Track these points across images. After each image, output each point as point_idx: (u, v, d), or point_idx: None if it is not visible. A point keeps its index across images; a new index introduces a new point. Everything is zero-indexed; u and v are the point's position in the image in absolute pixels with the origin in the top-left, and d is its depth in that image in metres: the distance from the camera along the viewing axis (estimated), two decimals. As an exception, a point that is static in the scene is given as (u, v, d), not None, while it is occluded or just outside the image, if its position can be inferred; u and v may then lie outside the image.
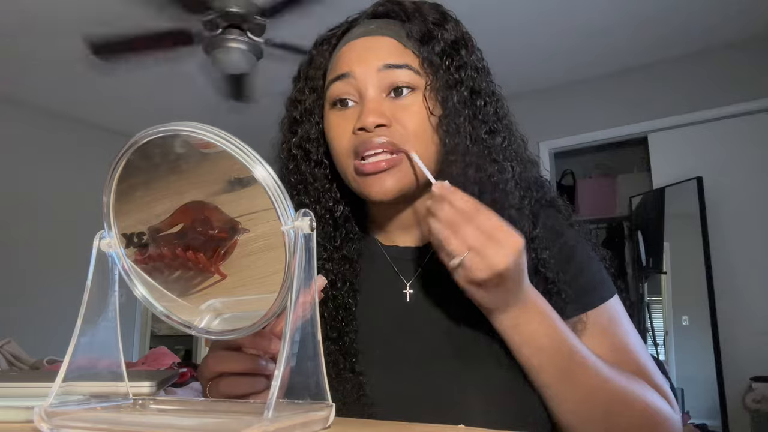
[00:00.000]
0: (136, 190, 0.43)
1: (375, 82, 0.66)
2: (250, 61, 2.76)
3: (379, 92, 0.66)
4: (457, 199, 0.54)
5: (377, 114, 0.64)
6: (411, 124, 0.65)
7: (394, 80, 0.65)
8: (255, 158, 0.37)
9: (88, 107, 4.03)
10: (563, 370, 0.58)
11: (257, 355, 0.52)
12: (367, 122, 0.63)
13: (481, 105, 0.68)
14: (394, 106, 0.65)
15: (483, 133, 0.67)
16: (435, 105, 0.66)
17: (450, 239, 0.53)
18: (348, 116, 0.66)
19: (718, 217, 3.10)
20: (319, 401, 0.39)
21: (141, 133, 0.40)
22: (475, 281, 0.54)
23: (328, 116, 0.69)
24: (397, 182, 0.64)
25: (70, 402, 0.41)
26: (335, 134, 0.67)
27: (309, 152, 0.71)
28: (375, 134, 0.63)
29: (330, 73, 0.70)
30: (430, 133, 0.66)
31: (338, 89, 0.67)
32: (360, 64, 0.66)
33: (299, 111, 0.73)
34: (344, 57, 0.68)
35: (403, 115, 0.65)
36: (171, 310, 0.44)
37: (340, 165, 0.68)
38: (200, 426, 0.39)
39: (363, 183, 0.65)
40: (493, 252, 0.52)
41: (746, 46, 3.16)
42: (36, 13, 2.86)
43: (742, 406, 2.84)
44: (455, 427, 0.39)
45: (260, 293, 0.40)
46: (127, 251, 0.44)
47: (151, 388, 0.48)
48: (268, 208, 0.37)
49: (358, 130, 0.64)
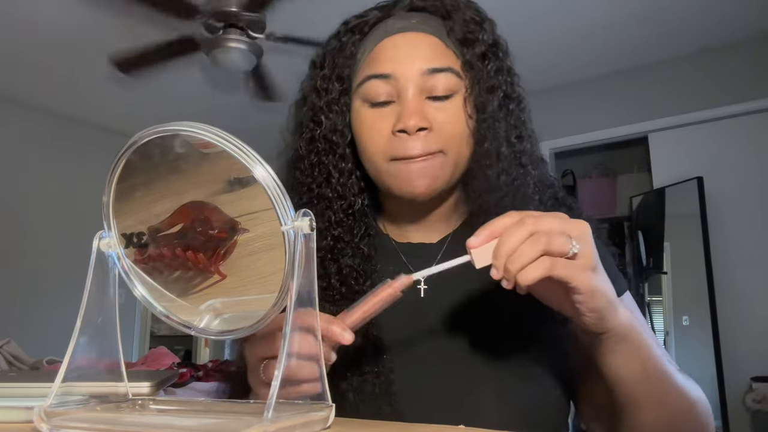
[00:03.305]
0: (136, 190, 0.43)
1: (417, 84, 0.64)
2: (250, 60, 2.77)
3: (420, 94, 0.64)
4: (525, 213, 0.50)
5: (419, 117, 0.62)
6: (451, 128, 0.64)
7: (436, 83, 0.64)
8: (255, 158, 0.37)
9: (89, 107, 4.03)
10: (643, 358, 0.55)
11: None
12: (409, 125, 0.62)
13: (512, 109, 0.67)
14: (435, 108, 0.64)
15: (513, 138, 0.67)
16: (473, 109, 0.65)
17: (552, 236, 0.48)
18: (384, 115, 0.65)
19: (718, 217, 3.10)
20: (319, 401, 0.39)
21: (141, 133, 0.40)
22: (591, 265, 0.49)
23: (361, 112, 0.67)
24: (436, 179, 0.64)
25: (70, 402, 0.41)
26: (370, 133, 0.66)
27: (335, 145, 0.69)
28: (415, 138, 0.62)
29: (366, 68, 0.67)
30: (467, 136, 0.65)
31: (376, 88, 0.65)
32: (403, 66, 0.64)
33: (324, 100, 0.69)
34: (385, 54, 0.66)
35: (444, 118, 0.64)
36: (171, 310, 0.44)
37: (372, 163, 0.66)
38: (200, 426, 0.39)
39: (403, 179, 0.64)
40: (584, 233, 0.49)
41: (746, 46, 3.16)
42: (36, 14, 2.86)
43: (742, 406, 2.84)
44: (455, 427, 0.39)
45: (260, 293, 0.40)
46: (127, 251, 0.44)
47: (150, 389, 0.48)
48: (268, 208, 0.37)
49: (398, 132, 0.63)
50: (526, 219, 0.48)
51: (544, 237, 0.47)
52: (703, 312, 3.00)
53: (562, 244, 0.47)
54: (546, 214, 0.49)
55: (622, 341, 0.53)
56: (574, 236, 0.48)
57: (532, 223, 0.48)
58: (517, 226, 0.48)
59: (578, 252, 0.48)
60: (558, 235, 0.47)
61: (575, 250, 0.47)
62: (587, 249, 0.49)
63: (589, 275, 0.48)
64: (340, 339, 0.48)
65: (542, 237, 0.47)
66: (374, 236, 0.71)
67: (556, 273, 0.47)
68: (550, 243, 0.47)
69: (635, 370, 0.54)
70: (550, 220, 0.48)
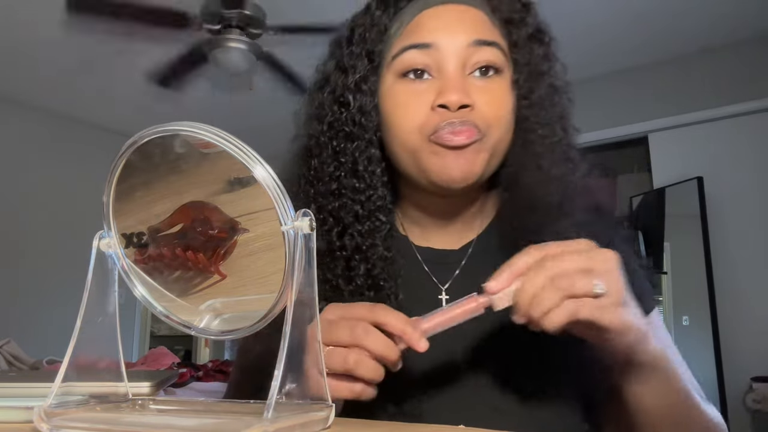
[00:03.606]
0: (136, 190, 0.43)
1: (461, 57, 0.58)
2: (250, 60, 2.77)
3: (462, 69, 0.58)
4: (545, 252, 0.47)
5: (463, 92, 0.57)
6: (495, 109, 0.59)
7: (481, 58, 0.59)
8: (255, 158, 0.37)
9: (88, 107, 4.02)
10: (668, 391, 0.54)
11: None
12: (451, 99, 0.56)
13: (558, 100, 0.63)
14: (478, 86, 0.58)
15: (559, 129, 0.62)
16: (519, 93, 0.61)
17: (575, 278, 0.45)
18: (421, 91, 0.59)
19: (718, 217, 3.10)
20: (319, 401, 0.39)
21: (141, 133, 0.40)
22: (620, 302, 0.46)
23: (395, 88, 0.60)
24: (476, 163, 0.58)
25: (70, 402, 0.41)
26: (405, 111, 0.59)
27: (363, 128, 0.61)
28: (458, 114, 0.56)
29: (403, 38, 0.61)
30: (509, 121, 0.60)
31: (415, 59, 0.59)
32: (447, 35, 0.58)
33: (352, 79, 0.62)
34: (428, 24, 0.60)
35: (488, 98, 0.58)
36: (171, 310, 0.44)
37: (407, 144, 0.59)
38: (200, 426, 0.39)
39: (441, 160, 0.58)
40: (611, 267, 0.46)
41: (746, 46, 3.15)
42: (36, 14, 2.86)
43: (742, 406, 2.84)
44: (455, 427, 0.39)
45: (260, 293, 0.40)
46: (127, 251, 0.44)
47: (150, 389, 0.48)
48: (268, 208, 0.37)
49: (438, 107, 0.57)
50: (546, 261, 0.45)
51: (566, 280, 0.44)
52: (703, 312, 3.00)
53: (586, 286, 0.44)
54: (568, 249, 0.46)
55: (651, 372, 0.51)
56: (600, 272, 0.45)
57: (552, 265, 0.45)
58: (536, 270, 0.45)
59: (605, 291, 0.45)
60: (581, 276, 0.44)
61: (600, 291, 0.44)
62: (615, 285, 0.45)
63: (617, 313, 0.45)
64: (415, 345, 0.46)
65: (564, 281, 0.44)
66: (397, 239, 0.65)
67: (581, 316, 0.44)
68: (572, 286, 0.44)
69: (662, 400, 0.53)
70: (571, 258, 0.45)
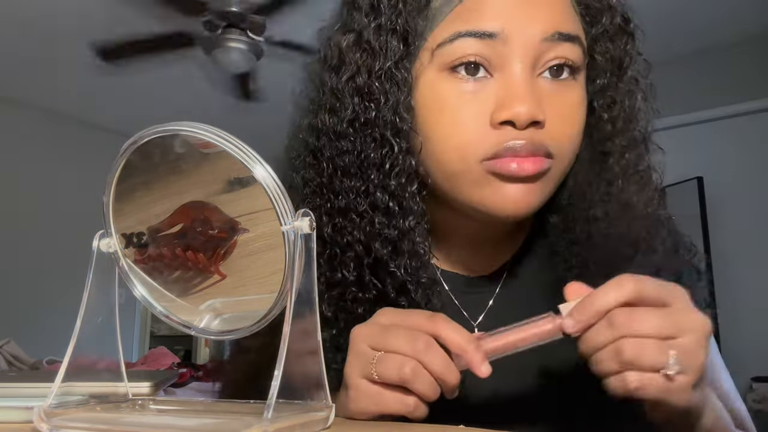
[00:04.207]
0: (136, 190, 0.43)
1: (533, 53, 0.45)
2: (250, 60, 2.77)
3: (531, 69, 0.45)
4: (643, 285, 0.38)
5: (535, 104, 0.44)
6: (569, 126, 0.46)
7: (557, 55, 0.46)
8: (255, 158, 0.37)
9: (89, 107, 4.02)
10: None
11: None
12: (520, 114, 0.43)
13: (641, 106, 0.51)
14: (549, 93, 0.46)
15: (643, 147, 0.52)
16: (597, 101, 0.50)
17: (645, 347, 0.36)
18: (475, 95, 0.46)
19: (718, 217, 3.10)
20: (319, 401, 0.39)
21: (141, 133, 0.40)
22: (694, 383, 0.38)
23: (439, 87, 0.47)
24: (540, 196, 0.47)
25: (70, 402, 0.41)
26: (455, 121, 0.46)
27: (398, 132, 0.47)
28: (527, 135, 0.44)
29: (454, 19, 0.46)
30: (580, 140, 0.48)
31: (469, 49, 0.45)
32: (520, 22, 0.45)
33: (381, 65, 0.47)
34: (493, 3, 0.45)
35: (561, 110, 0.46)
36: (170, 310, 0.44)
37: (452, 164, 0.47)
38: (200, 426, 0.39)
39: (495, 190, 0.46)
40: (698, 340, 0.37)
41: (746, 46, 3.15)
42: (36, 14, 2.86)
43: (742, 407, 2.84)
44: (455, 427, 0.39)
45: (260, 293, 0.40)
46: (127, 251, 0.44)
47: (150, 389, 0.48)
48: (268, 208, 0.37)
49: (501, 124, 0.44)
50: (617, 316, 0.37)
51: (633, 350, 0.36)
52: (703, 312, 3.00)
53: (658, 359, 0.36)
54: (652, 301, 0.38)
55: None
56: (683, 344, 0.36)
57: (624, 323, 0.37)
58: (605, 324, 0.37)
59: (679, 371, 0.36)
60: (654, 346, 0.36)
61: (674, 371, 0.36)
62: (695, 363, 0.37)
63: (687, 395, 0.38)
64: (476, 368, 0.39)
65: (629, 350, 0.36)
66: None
67: (643, 394, 0.37)
68: (639, 357, 0.36)
69: None
70: (651, 318, 0.37)
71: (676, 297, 0.38)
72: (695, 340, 0.37)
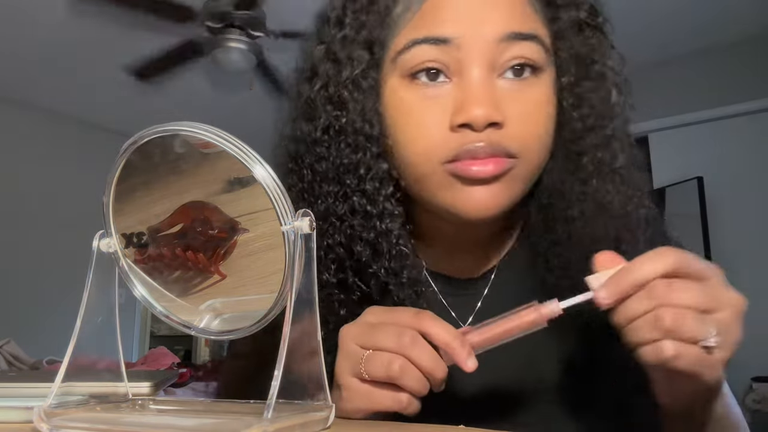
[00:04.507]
0: (136, 190, 0.43)
1: (488, 55, 0.45)
2: (250, 60, 2.77)
3: (489, 71, 0.45)
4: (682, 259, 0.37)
5: (491, 106, 0.44)
6: (533, 126, 0.46)
7: (514, 56, 0.46)
8: (255, 158, 0.37)
9: (89, 107, 4.03)
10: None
11: None
12: (476, 116, 0.44)
13: (616, 104, 0.51)
14: (510, 93, 0.46)
15: (618, 145, 0.51)
16: (565, 100, 0.49)
17: (686, 317, 0.36)
18: (437, 99, 0.46)
19: (718, 217, 3.10)
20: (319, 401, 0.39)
21: (141, 133, 0.40)
22: (727, 358, 0.38)
23: (401, 94, 0.48)
24: (505, 196, 0.47)
25: (70, 402, 0.41)
26: (417, 126, 0.47)
27: (369, 138, 0.49)
28: (485, 136, 0.44)
29: (411, 28, 0.47)
30: (549, 139, 0.48)
31: (425, 55, 0.46)
32: (471, 26, 0.45)
33: (348, 74, 0.48)
34: (445, 10, 0.46)
35: (523, 110, 0.46)
36: (170, 310, 0.44)
37: (417, 168, 0.48)
38: (200, 426, 0.39)
39: (459, 193, 0.46)
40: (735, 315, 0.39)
41: (746, 46, 3.15)
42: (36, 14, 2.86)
43: (742, 407, 2.83)
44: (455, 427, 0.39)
45: (260, 293, 0.40)
46: (127, 251, 0.44)
47: (150, 389, 0.48)
48: (268, 208, 0.37)
49: (459, 127, 0.45)
50: (657, 287, 0.37)
51: (673, 317, 0.36)
52: (703, 312, 3.00)
53: (698, 331, 0.36)
54: (698, 274, 0.37)
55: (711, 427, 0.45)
56: (721, 319, 0.37)
57: (665, 292, 0.36)
58: (644, 294, 0.37)
59: (718, 344, 0.36)
60: (695, 317, 0.36)
61: (712, 343, 0.36)
62: (732, 339, 0.38)
63: (718, 372, 0.38)
64: (462, 363, 0.40)
65: (670, 316, 0.36)
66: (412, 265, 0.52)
67: (679, 365, 0.36)
68: (680, 327, 0.36)
69: None
70: (692, 290, 0.37)
71: (714, 273, 0.38)
72: (732, 315, 0.38)
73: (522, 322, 0.41)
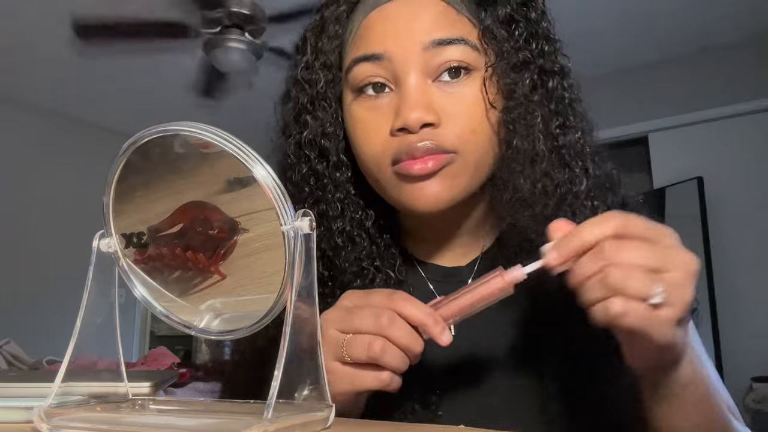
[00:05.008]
0: (136, 189, 0.43)
1: (419, 64, 0.50)
2: (250, 61, 2.77)
3: (423, 77, 0.50)
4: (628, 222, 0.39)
5: (423, 109, 0.49)
6: (467, 121, 0.50)
7: (444, 60, 0.50)
8: (255, 158, 0.37)
9: (88, 107, 4.02)
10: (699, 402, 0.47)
11: None
12: (410, 120, 0.48)
13: (553, 88, 0.53)
14: (444, 95, 0.50)
15: (555, 128, 0.52)
16: (497, 93, 0.51)
17: (632, 274, 0.37)
18: (380, 109, 0.52)
19: (718, 217, 3.10)
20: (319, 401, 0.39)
21: (141, 133, 0.40)
22: (678, 317, 0.38)
23: (352, 108, 0.54)
24: (450, 189, 0.51)
25: (70, 402, 0.41)
26: (364, 135, 0.53)
27: (326, 151, 0.56)
28: (420, 136, 0.49)
29: (353, 49, 0.54)
30: (488, 131, 0.51)
31: (366, 72, 0.52)
32: (398, 41, 0.50)
33: (309, 96, 0.56)
34: (375, 29, 0.52)
35: (457, 108, 0.50)
36: (170, 310, 0.44)
37: (371, 172, 0.54)
38: (200, 426, 0.39)
39: (406, 191, 0.51)
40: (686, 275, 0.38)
41: (746, 46, 3.16)
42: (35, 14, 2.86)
43: (742, 407, 2.84)
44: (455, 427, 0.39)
45: (260, 293, 0.40)
46: (127, 251, 0.44)
47: (150, 389, 0.48)
48: (268, 208, 0.37)
49: (398, 131, 0.50)
50: (605, 247, 0.38)
51: (619, 275, 0.37)
52: (703, 312, 3.00)
53: (642, 288, 0.36)
54: (647, 234, 0.38)
55: (680, 392, 0.44)
56: (670, 278, 0.37)
57: (613, 252, 0.37)
58: (594, 253, 0.38)
59: (663, 301, 0.36)
60: (641, 274, 0.37)
61: (659, 300, 0.36)
62: (681, 297, 0.37)
63: (670, 331, 0.38)
64: (437, 338, 0.43)
65: (616, 274, 0.37)
66: (397, 256, 0.59)
67: (626, 322, 0.37)
68: (624, 283, 0.36)
69: (690, 423, 0.46)
70: (640, 249, 0.37)
71: (665, 235, 0.39)
72: (682, 276, 0.38)
73: (491, 290, 0.43)
